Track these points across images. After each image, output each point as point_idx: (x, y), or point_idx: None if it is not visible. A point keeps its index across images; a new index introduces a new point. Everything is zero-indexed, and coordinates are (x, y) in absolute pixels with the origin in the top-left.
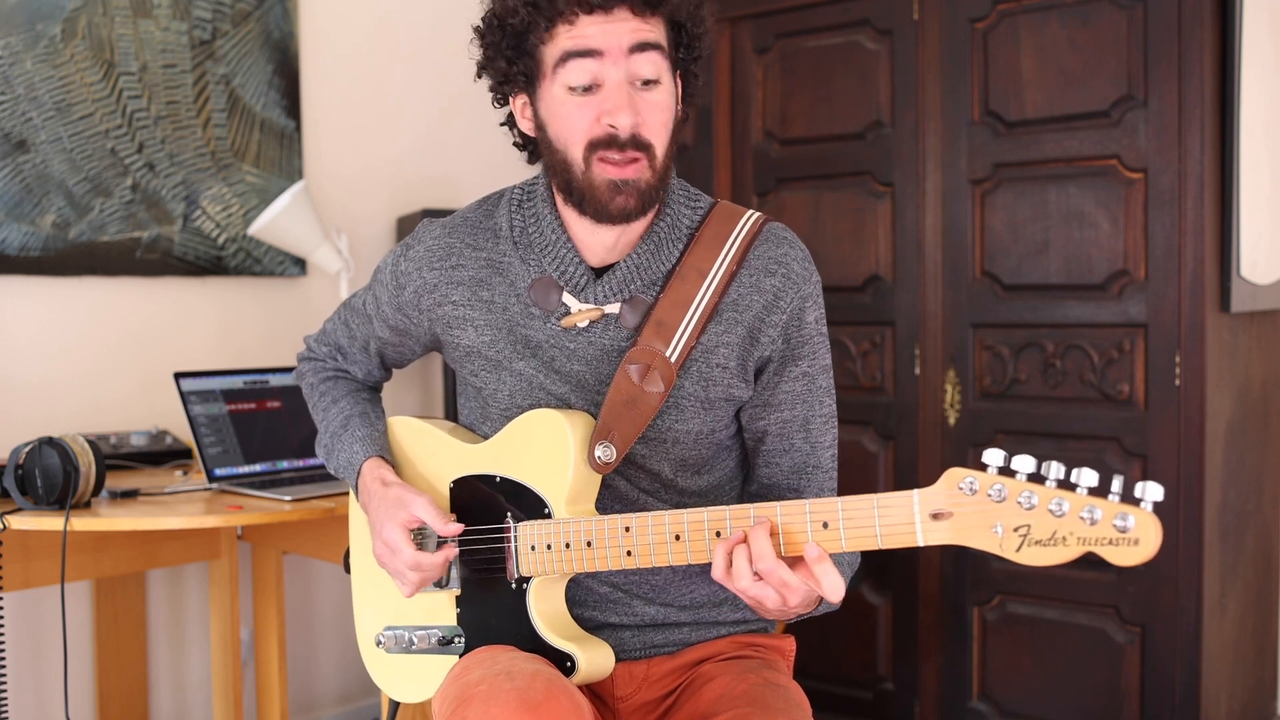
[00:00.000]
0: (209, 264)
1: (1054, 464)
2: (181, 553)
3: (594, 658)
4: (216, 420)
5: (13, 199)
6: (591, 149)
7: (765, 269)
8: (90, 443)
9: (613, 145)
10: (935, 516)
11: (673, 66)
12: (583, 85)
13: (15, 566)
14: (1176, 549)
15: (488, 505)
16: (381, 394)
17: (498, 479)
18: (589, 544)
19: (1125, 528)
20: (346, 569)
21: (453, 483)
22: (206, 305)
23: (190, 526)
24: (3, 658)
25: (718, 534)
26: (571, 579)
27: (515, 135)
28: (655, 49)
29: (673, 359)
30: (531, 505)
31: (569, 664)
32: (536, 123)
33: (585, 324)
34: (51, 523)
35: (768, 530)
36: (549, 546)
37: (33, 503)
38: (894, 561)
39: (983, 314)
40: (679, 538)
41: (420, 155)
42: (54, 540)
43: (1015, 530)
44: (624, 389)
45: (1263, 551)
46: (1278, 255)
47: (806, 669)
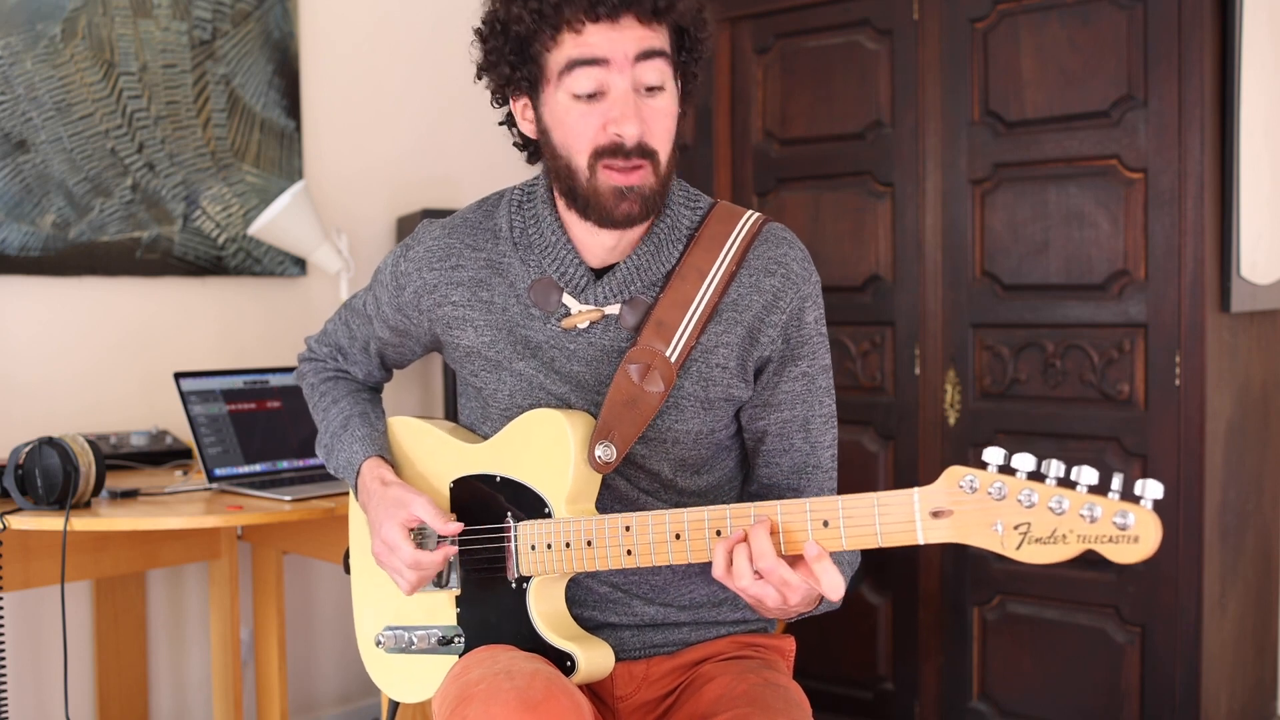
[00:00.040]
0: (209, 264)
1: (1054, 462)
2: (181, 553)
3: (594, 657)
4: (216, 420)
5: (13, 199)
6: (596, 157)
7: (765, 269)
8: (90, 443)
9: (618, 154)
10: (935, 515)
11: (675, 71)
12: (588, 93)
13: (15, 566)
14: (1176, 549)
15: (488, 505)
16: (382, 394)
17: (498, 479)
18: (589, 543)
19: (1125, 525)
20: (346, 569)
21: (453, 482)
22: (206, 305)
23: (190, 526)
24: (3, 658)
25: (718, 533)
26: (571, 579)
27: (515, 135)
28: (660, 56)
29: (673, 359)
30: (531, 505)
31: (569, 663)
32: (539, 127)
33: (585, 325)
34: (51, 523)
35: (768, 529)
36: (549, 546)
37: (33, 503)
38: (894, 561)
39: (983, 314)
40: (679, 537)
41: (420, 155)
42: (54, 540)
43: (1015, 528)
44: (624, 389)
45: (1263, 551)
46: (1278, 255)
47: (806, 669)
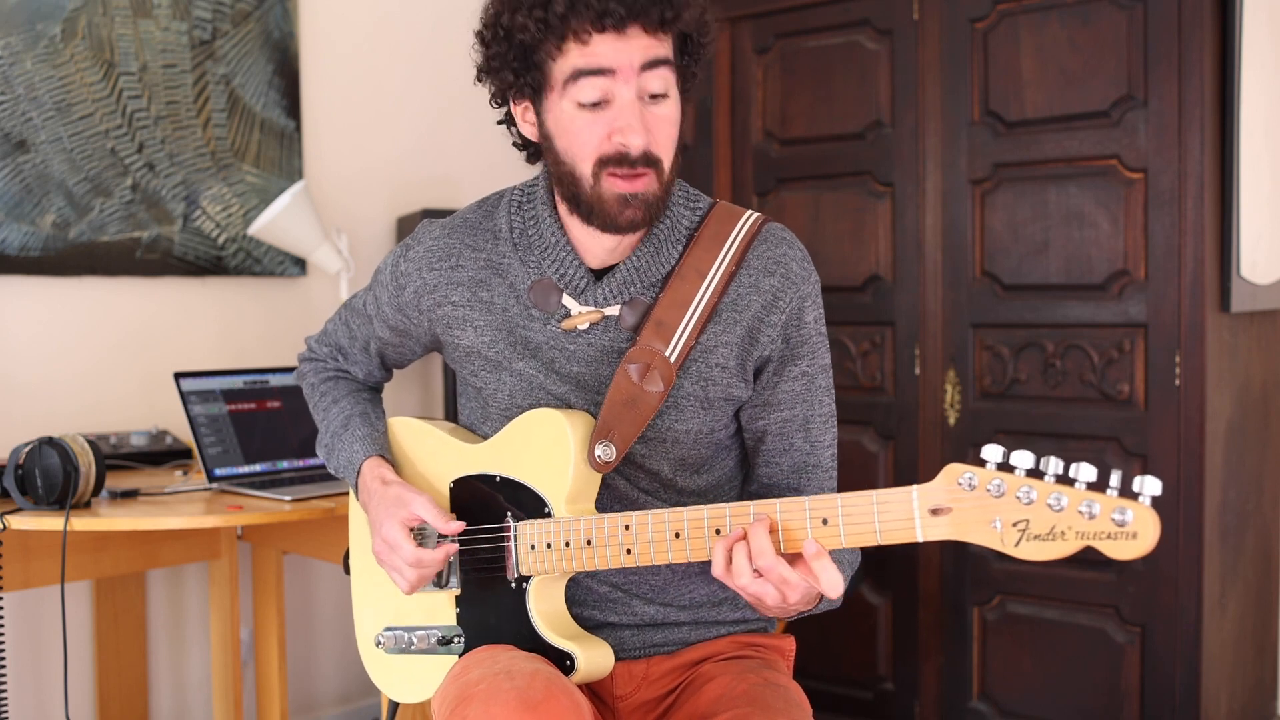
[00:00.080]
0: (209, 264)
1: (1052, 459)
2: (181, 553)
3: (593, 657)
4: (216, 420)
5: (13, 199)
6: (601, 165)
7: (764, 269)
8: (90, 443)
9: (623, 162)
10: (934, 512)
11: (678, 76)
12: (592, 101)
13: (15, 566)
14: (1176, 549)
15: (488, 505)
16: (382, 394)
17: (498, 478)
18: (589, 542)
19: (1123, 521)
20: (346, 570)
21: (453, 482)
22: (206, 305)
23: (190, 526)
24: (3, 658)
25: (717, 531)
26: (571, 578)
27: (514, 135)
28: (665, 64)
29: (672, 359)
30: (531, 504)
31: (568, 663)
32: (542, 132)
33: (585, 326)
34: (51, 523)
35: (767, 527)
36: (549, 545)
37: (33, 503)
38: (894, 561)
39: (983, 314)
40: (679, 535)
41: (420, 155)
42: (54, 540)
43: (1014, 525)
44: (623, 388)
45: (1263, 551)
46: (1278, 255)
47: (806, 669)
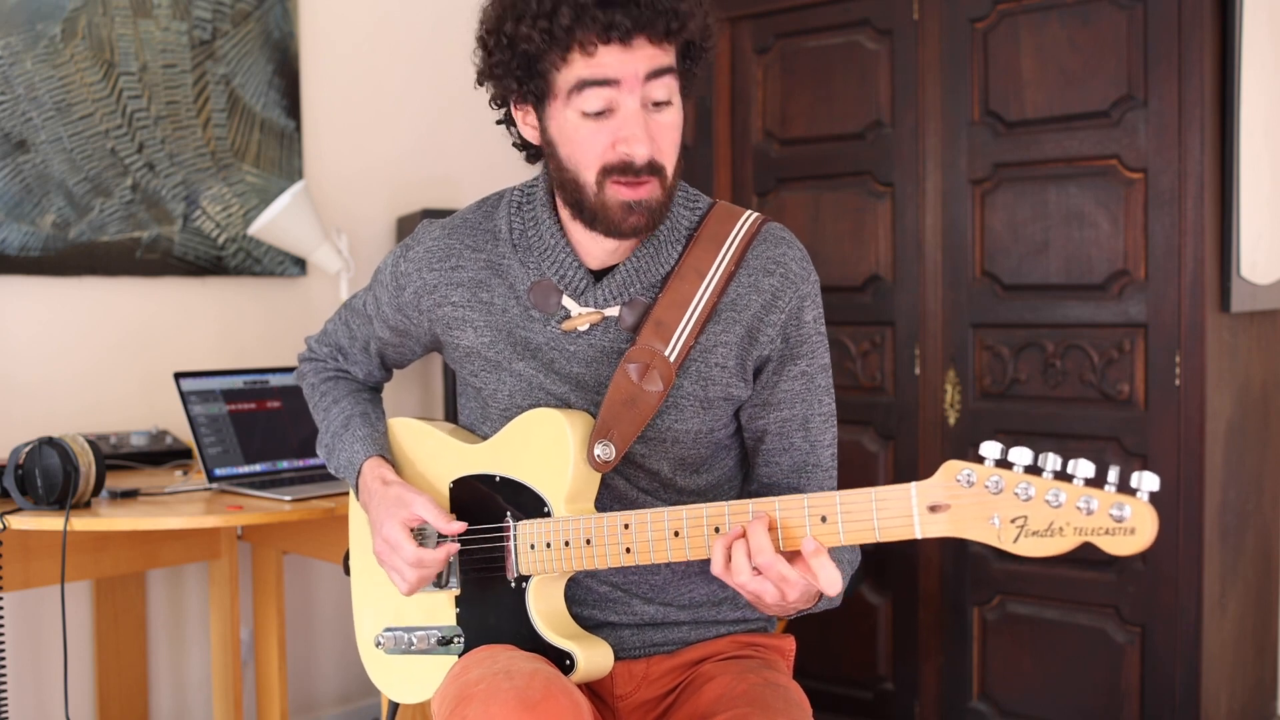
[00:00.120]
0: (209, 264)
1: (1050, 455)
2: (181, 553)
3: (593, 656)
4: (216, 420)
5: (13, 199)
6: (605, 174)
7: (764, 269)
8: (90, 443)
9: (627, 171)
10: (933, 509)
11: (680, 81)
12: (596, 111)
13: (15, 566)
14: (1176, 549)
15: (487, 504)
16: (381, 394)
17: (497, 478)
18: (588, 541)
19: (1122, 517)
20: (346, 571)
21: (452, 483)
22: (206, 305)
23: (190, 526)
24: (3, 658)
25: (716, 530)
26: (571, 578)
27: (514, 135)
28: (669, 73)
29: (671, 358)
30: (531, 504)
31: (568, 662)
32: (544, 138)
33: (585, 327)
34: (51, 523)
35: (766, 525)
36: (548, 545)
37: (33, 503)
38: (894, 561)
39: (983, 314)
40: (678, 534)
41: (420, 155)
42: (54, 540)
43: (1012, 521)
44: (623, 388)
45: (1263, 551)
46: (1278, 255)
47: (806, 669)
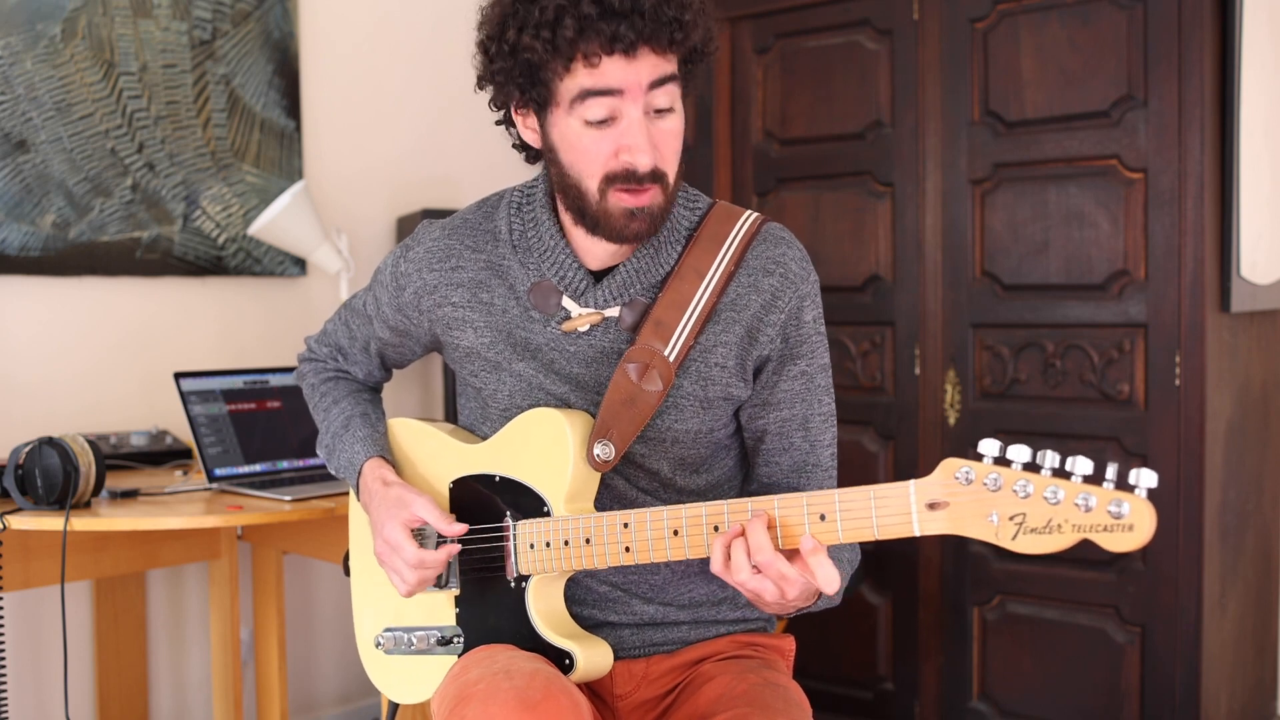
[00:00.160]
0: (209, 264)
1: (1049, 453)
2: (181, 553)
3: (592, 655)
4: (216, 420)
5: (13, 199)
6: (608, 182)
7: (763, 269)
8: (90, 443)
9: (630, 179)
10: (931, 506)
11: (682, 86)
12: (599, 119)
13: (15, 566)
14: (1176, 549)
15: (487, 504)
16: (381, 394)
17: (497, 478)
18: (588, 541)
19: (1120, 514)
20: (346, 572)
21: (452, 483)
22: (206, 305)
23: (190, 526)
24: (3, 658)
25: (715, 528)
26: (570, 578)
27: (513, 136)
28: (672, 80)
29: (671, 358)
30: (531, 504)
31: (567, 661)
32: (546, 143)
33: (586, 328)
34: (51, 523)
35: (765, 523)
36: (548, 544)
37: (33, 503)
38: (894, 561)
39: (983, 314)
40: (677, 533)
41: (420, 155)
42: (54, 540)
43: (1011, 519)
44: (623, 388)
45: (1263, 551)
46: (1278, 255)
47: (806, 669)
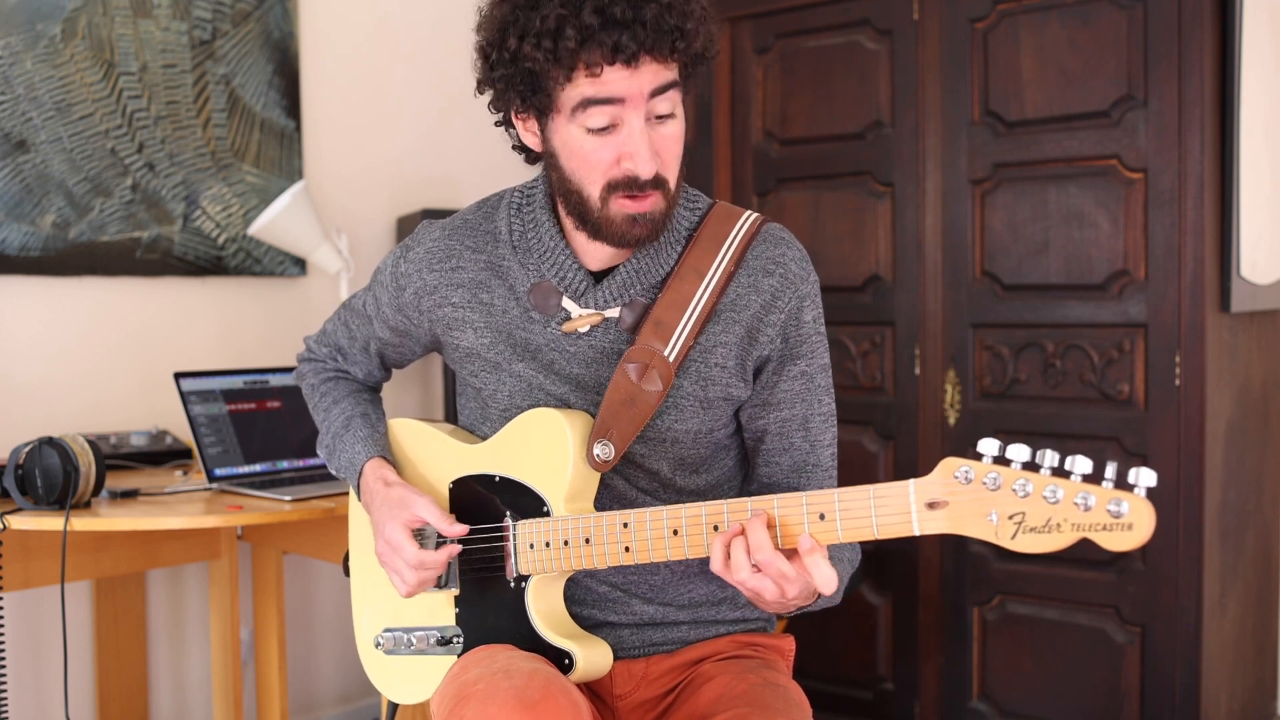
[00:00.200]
0: (209, 264)
1: (1048, 452)
2: (181, 553)
3: (592, 655)
4: (216, 420)
5: (13, 199)
6: (610, 189)
7: (763, 269)
8: (90, 443)
9: (632, 186)
10: (931, 506)
11: (683, 90)
12: (600, 127)
13: (15, 566)
14: (1176, 549)
15: (487, 504)
16: (381, 395)
17: (497, 478)
18: (587, 540)
19: (1119, 513)
20: (346, 572)
21: (452, 483)
22: (206, 305)
23: (190, 526)
24: (3, 658)
25: (715, 528)
26: (570, 578)
27: (513, 138)
28: (674, 87)
29: (671, 358)
30: (530, 504)
31: (567, 661)
32: (546, 148)
33: (586, 329)
34: (51, 523)
35: (765, 522)
36: (548, 544)
37: (33, 503)
38: (894, 561)
39: (983, 314)
40: (677, 533)
41: (420, 155)
42: (54, 540)
43: (1010, 518)
44: (622, 388)
45: (1263, 551)
46: (1278, 255)
47: (806, 669)
